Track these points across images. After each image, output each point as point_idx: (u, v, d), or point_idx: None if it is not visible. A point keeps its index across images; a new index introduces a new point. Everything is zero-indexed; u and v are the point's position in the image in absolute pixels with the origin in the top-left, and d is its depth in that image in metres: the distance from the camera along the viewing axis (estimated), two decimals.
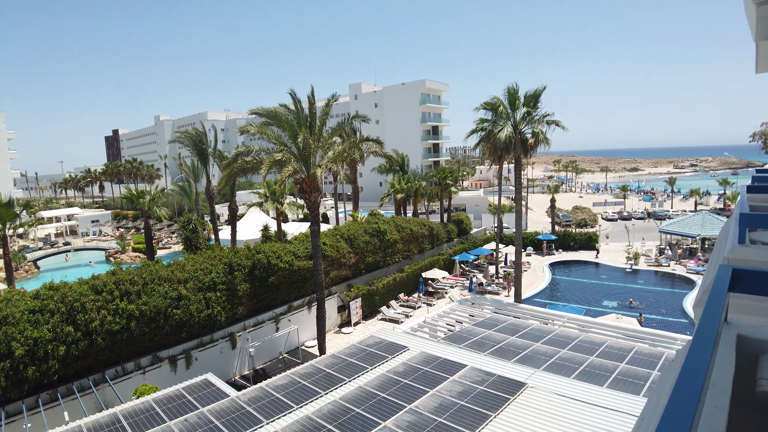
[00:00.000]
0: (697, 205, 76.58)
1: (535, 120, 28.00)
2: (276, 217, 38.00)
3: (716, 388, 1.14)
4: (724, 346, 1.43)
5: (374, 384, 14.35)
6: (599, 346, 17.77)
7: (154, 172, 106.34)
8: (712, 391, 1.12)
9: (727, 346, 1.44)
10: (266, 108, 22.53)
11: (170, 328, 19.87)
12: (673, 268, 40.40)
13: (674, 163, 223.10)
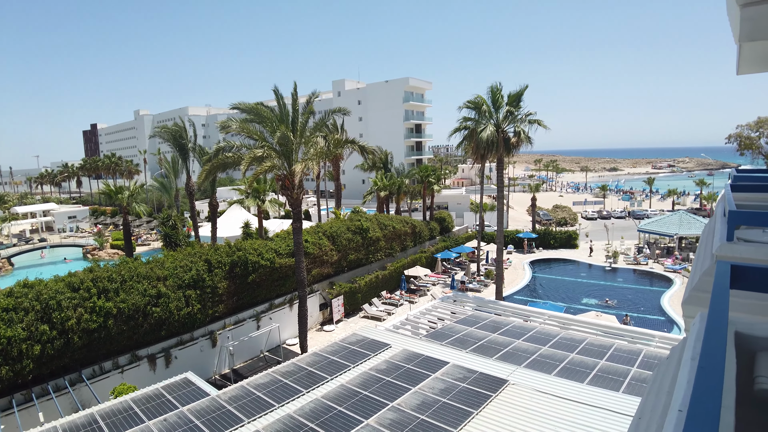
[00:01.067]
0: (675, 205, 78.01)
1: (518, 119, 28.17)
2: (257, 214, 37.64)
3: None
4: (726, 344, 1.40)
5: (356, 382, 14.29)
6: (579, 343, 17.96)
7: (133, 167, 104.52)
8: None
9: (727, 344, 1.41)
10: (247, 103, 22.29)
11: (149, 326, 19.54)
12: (651, 267, 41.10)
13: (653, 164, 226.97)
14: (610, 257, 43.11)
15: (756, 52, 6.62)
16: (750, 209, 4.43)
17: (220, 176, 48.12)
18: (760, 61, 7.30)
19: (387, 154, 47.77)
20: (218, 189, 45.87)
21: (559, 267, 43.57)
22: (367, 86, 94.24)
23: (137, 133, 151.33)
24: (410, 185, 47.66)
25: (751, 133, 57.95)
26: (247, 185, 36.72)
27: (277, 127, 21.23)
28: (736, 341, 1.47)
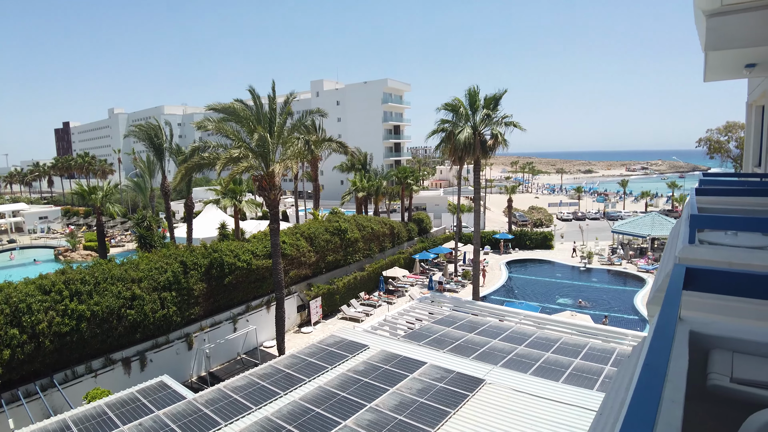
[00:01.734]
0: (648, 207, 79.78)
1: (495, 122, 28.50)
2: (234, 215, 37.30)
3: (672, 383, 1.18)
4: (678, 343, 1.49)
5: (334, 383, 14.28)
6: (555, 342, 18.25)
7: (107, 167, 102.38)
8: (668, 386, 1.16)
9: (680, 342, 1.50)
10: (224, 103, 22.08)
11: (124, 329, 19.21)
12: (624, 267, 41.96)
13: (626, 166, 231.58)
14: (584, 258, 43.87)
15: (721, 61, 6.87)
16: (713, 212, 4.61)
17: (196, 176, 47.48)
18: (724, 69, 7.57)
19: (366, 155, 47.81)
20: (194, 189, 45.33)
21: (535, 267, 44.17)
22: (346, 87, 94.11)
23: (111, 132, 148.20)
24: (389, 186, 47.80)
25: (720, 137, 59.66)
26: (223, 186, 36.40)
27: (255, 127, 21.09)
28: (690, 340, 1.57)
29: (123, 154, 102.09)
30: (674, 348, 1.43)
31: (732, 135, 57.88)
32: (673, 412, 1.02)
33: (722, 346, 1.61)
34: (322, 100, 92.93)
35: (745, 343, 1.59)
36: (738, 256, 2.65)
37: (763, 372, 1.47)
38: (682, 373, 1.23)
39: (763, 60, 6.77)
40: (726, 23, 5.40)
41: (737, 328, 1.64)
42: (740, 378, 1.45)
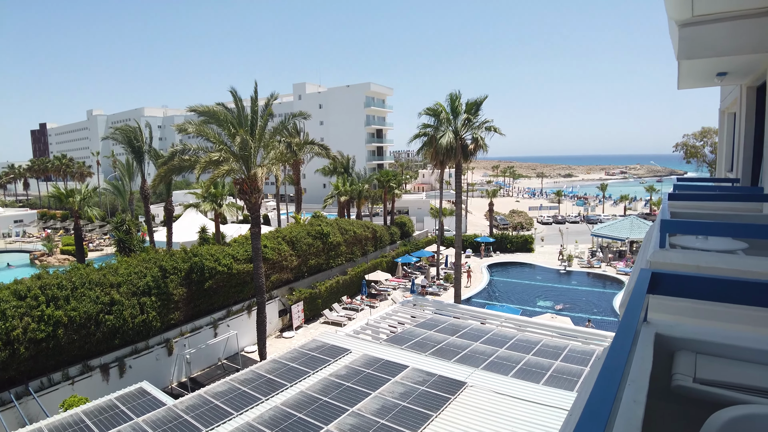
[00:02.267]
0: (626, 210, 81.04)
1: (475, 126, 28.77)
2: (214, 219, 36.96)
3: (635, 384, 1.23)
4: (643, 345, 1.55)
5: (316, 388, 14.24)
6: (535, 344, 18.45)
7: (85, 169, 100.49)
8: (631, 386, 1.21)
9: (645, 344, 1.56)
10: (205, 105, 21.89)
11: (102, 334, 18.87)
12: (604, 270, 42.56)
13: (606, 170, 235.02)
14: (564, 261, 44.40)
15: (693, 70, 7.06)
16: (685, 217, 4.74)
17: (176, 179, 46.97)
18: (697, 78, 7.77)
19: (348, 159, 47.80)
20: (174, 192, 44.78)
21: (516, 270, 44.58)
22: (328, 90, 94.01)
23: (90, 133, 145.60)
24: (371, 190, 47.82)
25: (696, 143, 61.06)
26: (204, 189, 36.05)
27: (236, 129, 20.95)
28: (656, 342, 1.63)
29: (102, 157, 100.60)
30: (639, 350, 1.49)
31: (707, 140, 59.27)
32: (635, 411, 1.07)
33: (686, 347, 1.68)
34: (304, 103, 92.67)
35: (708, 344, 1.66)
36: (706, 260, 2.74)
37: (725, 372, 1.54)
38: (645, 375, 1.28)
39: (733, 69, 6.96)
40: (698, 33, 5.55)
41: (701, 330, 1.71)
42: (703, 378, 1.52)
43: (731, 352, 1.63)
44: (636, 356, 1.44)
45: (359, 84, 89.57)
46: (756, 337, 1.68)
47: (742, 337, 1.68)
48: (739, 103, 8.50)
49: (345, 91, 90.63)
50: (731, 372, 1.54)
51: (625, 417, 1.03)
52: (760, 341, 1.65)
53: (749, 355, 1.61)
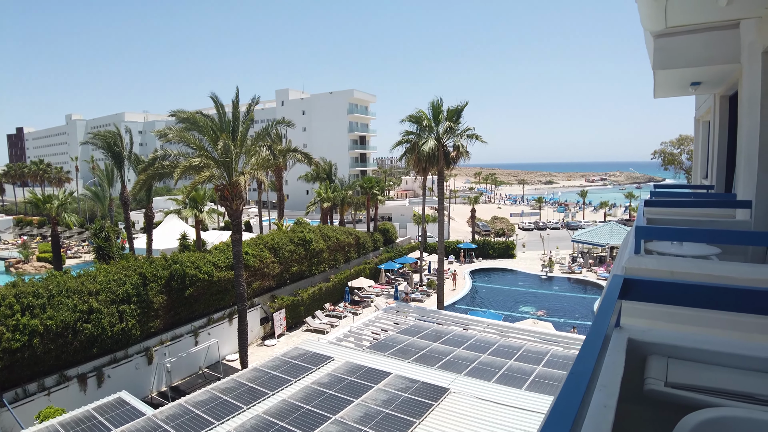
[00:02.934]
0: (606, 216, 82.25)
1: (457, 134, 29.00)
2: (195, 225, 36.58)
3: (606, 389, 1.25)
4: (615, 350, 1.58)
5: (298, 396, 14.12)
6: (517, 350, 18.54)
7: (63, 175, 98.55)
8: (602, 391, 1.23)
9: (617, 349, 1.59)
10: (186, 111, 21.71)
11: (79, 343, 18.48)
12: (584, 275, 43.08)
13: (586, 177, 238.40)
14: (546, 266, 44.83)
15: (668, 79, 7.22)
16: (661, 223, 4.84)
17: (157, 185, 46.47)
18: (672, 87, 7.95)
19: (331, 165, 47.76)
20: (155, 199, 44.30)
21: (498, 276, 44.88)
22: (312, 97, 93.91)
23: (69, 138, 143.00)
24: (354, 196, 47.80)
25: (673, 150, 62.26)
26: (184, 195, 35.69)
27: (217, 135, 20.80)
28: (628, 347, 1.66)
29: (81, 162, 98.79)
30: (611, 355, 1.52)
31: (684, 148, 60.45)
32: (605, 416, 1.08)
33: (658, 352, 1.72)
34: (287, 110, 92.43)
35: (679, 349, 1.69)
36: (679, 266, 2.80)
37: (696, 376, 1.58)
38: (616, 380, 1.31)
39: (706, 79, 7.15)
40: (672, 44, 5.70)
41: (672, 335, 1.75)
42: (674, 382, 1.55)
43: (702, 356, 1.67)
44: (607, 361, 1.46)
45: (342, 91, 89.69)
46: (726, 341, 1.72)
47: (712, 341, 1.72)
48: (713, 112, 8.71)
49: (328, 98, 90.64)
50: (702, 376, 1.58)
51: (595, 421, 1.05)
52: (730, 345, 1.69)
53: (719, 359, 1.65)
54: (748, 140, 5.02)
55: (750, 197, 4.87)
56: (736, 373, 1.58)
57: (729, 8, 4.26)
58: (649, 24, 4.95)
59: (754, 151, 4.76)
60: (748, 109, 4.99)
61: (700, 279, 2.68)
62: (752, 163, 4.83)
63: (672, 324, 2.38)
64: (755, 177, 4.71)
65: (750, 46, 4.89)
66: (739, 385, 1.52)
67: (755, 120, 4.68)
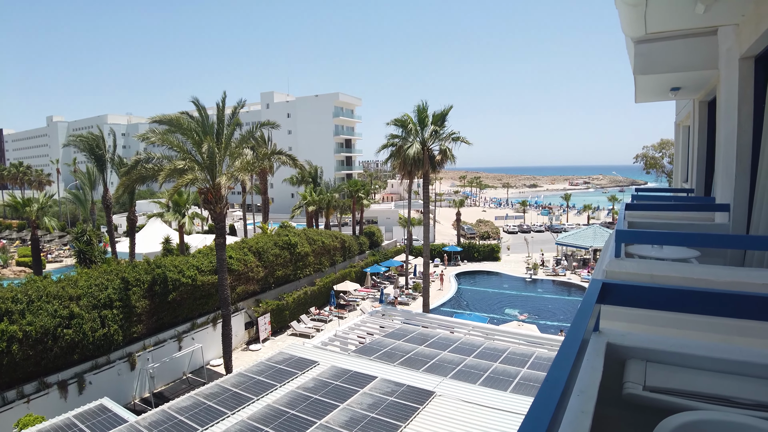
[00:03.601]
0: (590, 219, 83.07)
1: (442, 137, 29.12)
2: (179, 229, 36.21)
3: (584, 394, 1.26)
4: (594, 354, 1.59)
5: (283, 401, 14.02)
6: (502, 352, 18.63)
7: (44, 177, 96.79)
8: (580, 397, 1.24)
9: (596, 353, 1.60)
10: (168, 115, 21.51)
11: (60, 350, 18.14)
12: (568, 278, 43.46)
13: (569, 181, 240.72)
14: (530, 269, 45.15)
15: (649, 84, 7.33)
16: (642, 227, 4.90)
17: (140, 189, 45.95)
18: (652, 92, 8.07)
19: (316, 169, 47.64)
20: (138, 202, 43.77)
21: (483, 279, 45.10)
22: (297, 99, 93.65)
23: (50, 140, 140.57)
24: (340, 200, 47.73)
25: (655, 154, 63.22)
26: (168, 198, 35.33)
27: (201, 138, 20.64)
28: (607, 351, 1.68)
29: (62, 165, 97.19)
30: (589, 360, 1.53)
31: (665, 152, 61.43)
32: (582, 422, 1.09)
33: (637, 356, 1.73)
34: (272, 112, 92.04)
35: (657, 353, 1.71)
36: (659, 269, 2.83)
37: (674, 380, 1.59)
38: (594, 384, 1.31)
39: (685, 84, 7.27)
40: (652, 50, 5.79)
41: (651, 339, 1.77)
42: (652, 386, 1.56)
43: (680, 360, 1.69)
44: (586, 366, 1.47)
45: (328, 94, 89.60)
46: (704, 345, 1.74)
47: (690, 344, 1.74)
48: (693, 117, 8.86)
49: (314, 101, 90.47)
50: (680, 379, 1.60)
51: (572, 427, 1.05)
52: (707, 348, 1.71)
53: (697, 362, 1.67)
54: (725, 145, 5.12)
55: (728, 201, 4.96)
56: (714, 377, 1.60)
57: (707, 15, 4.33)
58: (630, 30, 5.03)
59: (731, 155, 4.84)
60: (726, 114, 5.08)
61: (679, 282, 2.72)
62: (730, 168, 4.92)
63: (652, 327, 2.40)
64: (733, 181, 4.80)
65: (727, 53, 4.98)
66: (716, 388, 1.54)
67: (732, 125, 4.76)
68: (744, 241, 3.77)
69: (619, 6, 4.23)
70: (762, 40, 4.05)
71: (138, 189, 34.96)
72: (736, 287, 2.62)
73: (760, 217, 4.18)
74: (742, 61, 4.64)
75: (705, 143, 8.32)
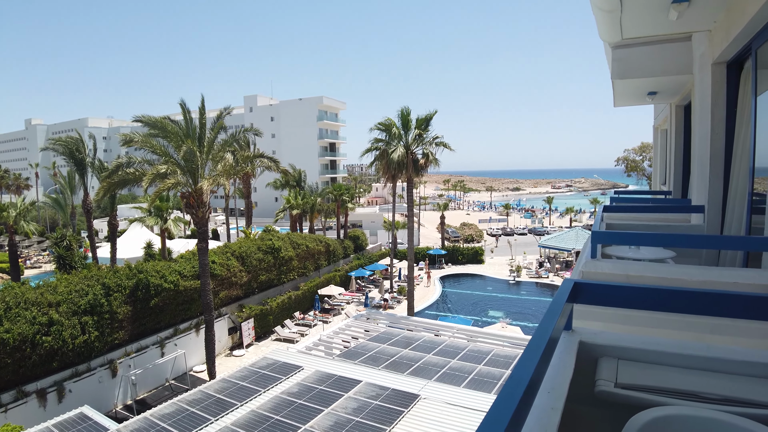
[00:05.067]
0: (572, 222, 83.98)
1: (426, 142, 29.27)
2: (161, 234, 35.79)
3: (554, 391, 1.29)
4: (566, 352, 1.63)
5: (267, 407, 13.93)
6: (486, 354, 18.74)
7: (22, 182, 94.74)
8: (550, 394, 1.27)
9: (568, 352, 1.64)
10: (152, 116, 21.32)
11: (39, 357, 17.79)
12: (551, 280, 43.86)
13: (552, 184, 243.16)
14: (513, 271, 45.49)
15: (626, 89, 7.47)
16: (620, 228, 4.99)
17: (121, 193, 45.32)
18: (630, 96, 8.23)
19: (300, 172, 47.49)
20: (119, 206, 43.20)
21: (467, 281, 45.31)
22: (281, 103, 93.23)
23: (29, 144, 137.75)
24: (324, 203, 47.62)
25: (636, 157, 64.16)
26: (149, 204, 34.91)
27: (183, 142, 20.47)
28: (579, 349, 1.71)
29: (41, 169, 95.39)
30: (561, 358, 1.56)
31: (646, 155, 62.33)
32: (551, 419, 1.12)
33: (609, 354, 1.77)
34: (255, 116, 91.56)
35: (629, 350, 1.75)
36: (634, 269, 2.90)
37: (645, 376, 1.64)
38: (564, 382, 1.34)
39: (662, 89, 7.42)
40: (629, 55, 5.91)
41: (623, 337, 1.81)
42: (623, 383, 1.60)
43: (651, 357, 1.73)
44: (557, 364, 1.50)
45: (312, 97, 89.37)
46: (674, 342, 1.79)
47: (661, 342, 1.79)
48: (670, 121, 9.04)
49: (297, 104, 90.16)
50: (651, 376, 1.64)
51: (540, 423, 1.07)
52: (678, 346, 1.75)
53: (668, 360, 1.72)
54: (700, 148, 5.23)
55: (703, 202, 5.08)
56: (684, 373, 1.65)
57: (680, 21, 4.44)
58: (607, 35, 5.12)
59: (705, 158, 4.96)
60: (700, 118, 5.20)
61: (654, 281, 2.78)
62: (704, 170, 5.03)
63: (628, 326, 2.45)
64: (707, 183, 4.91)
65: (701, 58, 5.10)
66: (686, 384, 1.58)
67: (706, 128, 4.88)
68: (713, 242, 3.86)
69: (595, 12, 4.32)
70: (733, 46, 4.16)
71: (120, 193, 34.49)
72: (708, 286, 2.68)
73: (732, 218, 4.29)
74: (714, 66, 4.76)
75: (681, 146, 8.49)
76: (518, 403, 0.91)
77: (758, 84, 3.84)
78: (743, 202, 4.24)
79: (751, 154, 4.01)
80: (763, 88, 3.80)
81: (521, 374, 1.04)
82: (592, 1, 3.94)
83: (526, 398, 0.99)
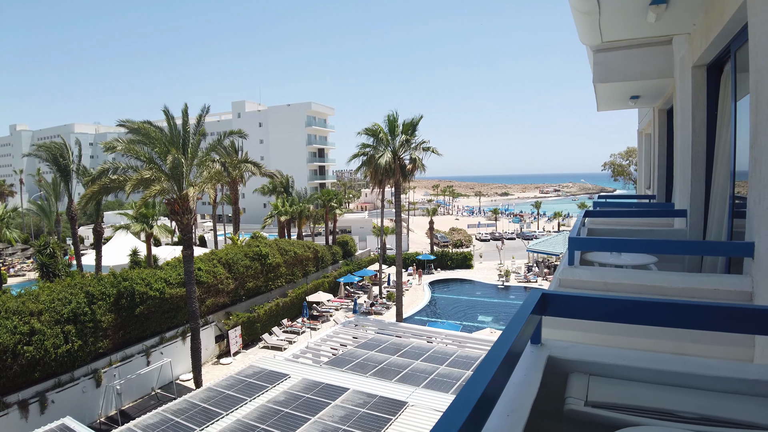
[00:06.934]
0: (560, 226, 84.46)
1: (413, 147, 29.27)
2: (146, 241, 35.39)
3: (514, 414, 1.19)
4: (533, 369, 1.53)
5: (253, 416, 13.72)
6: (475, 360, 18.64)
7: (6, 188, 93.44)
8: (510, 417, 1.17)
9: (535, 368, 1.54)
10: (135, 121, 21.09)
11: (20, 367, 17.39)
12: (540, 284, 43.95)
13: (540, 189, 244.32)
14: (502, 276, 45.55)
15: (609, 93, 7.45)
16: (602, 233, 4.93)
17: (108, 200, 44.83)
18: (613, 100, 8.21)
19: (288, 178, 47.26)
20: (105, 213, 42.74)
21: (456, 286, 45.28)
22: (269, 109, 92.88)
23: (13, 150, 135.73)
24: (313, 209, 47.42)
25: (622, 161, 64.74)
26: (135, 210, 34.51)
27: (167, 147, 20.25)
28: (548, 364, 1.62)
29: (26, 175, 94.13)
30: (526, 375, 1.47)
31: (632, 159, 62.93)
32: None
33: (580, 369, 1.67)
34: (243, 122, 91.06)
35: (600, 366, 1.65)
36: (613, 276, 2.82)
37: (616, 394, 1.54)
38: (527, 403, 1.25)
39: (645, 93, 7.41)
40: (610, 59, 5.89)
41: (594, 351, 1.72)
42: (594, 401, 1.50)
43: (624, 373, 1.64)
44: (521, 382, 1.40)
45: (300, 103, 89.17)
46: (649, 356, 1.70)
47: (635, 357, 1.70)
48: (653, 125, 9.05)
49: (286, 110, 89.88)
50: (623, 393, 1.54)
51: None
52: (652, 360, 1.66)
53: (641, 375, 1.62)
54: (682, 151, 5.20)
55: (685, 206, 5.04)
56: (658, 390, 1.56)
57: (660, 25, 4.41)
58: (587, 39, 5.08)
59: (687, 161, 4.92)
60: (682, 122, 5.18)
61: (632, 289, 2.70)
62: (686, 174, 4.99)
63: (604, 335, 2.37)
64: (689, 187, 4.87)
65: (681, 61, 5.08)
66: (659, 401, 1.49)
67: (687, 132, 4.85)
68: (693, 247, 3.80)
69: (574, 15, 4.27)
70: (712, 49, 4.13)
71: (105, 200, 34.12)
72: (689, 293, 2.61)
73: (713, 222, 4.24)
74: (695, 69, 4.73)
75: (665, 150, 8.50)
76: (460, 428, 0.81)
77: (738, 87, 3.81)
78: (725, 206, 4.20)
79: (731, 157, 3.97)
80: (743, 90, 3.76)
81: (468, 396, 0.92)
82: (571, 3, 3.89)
83: (472, 424, 0.88)
